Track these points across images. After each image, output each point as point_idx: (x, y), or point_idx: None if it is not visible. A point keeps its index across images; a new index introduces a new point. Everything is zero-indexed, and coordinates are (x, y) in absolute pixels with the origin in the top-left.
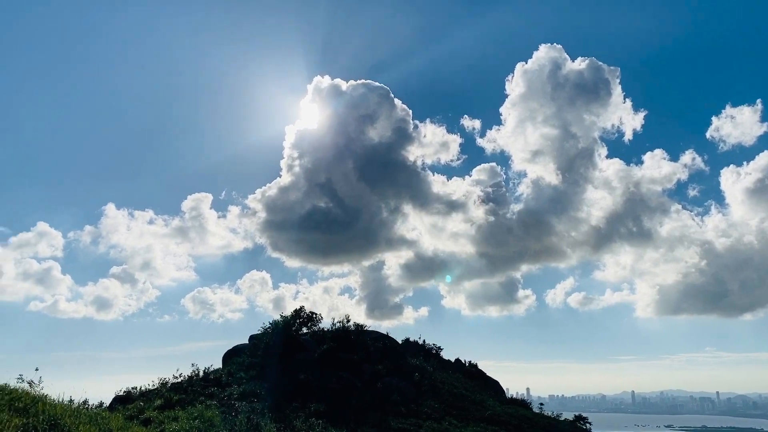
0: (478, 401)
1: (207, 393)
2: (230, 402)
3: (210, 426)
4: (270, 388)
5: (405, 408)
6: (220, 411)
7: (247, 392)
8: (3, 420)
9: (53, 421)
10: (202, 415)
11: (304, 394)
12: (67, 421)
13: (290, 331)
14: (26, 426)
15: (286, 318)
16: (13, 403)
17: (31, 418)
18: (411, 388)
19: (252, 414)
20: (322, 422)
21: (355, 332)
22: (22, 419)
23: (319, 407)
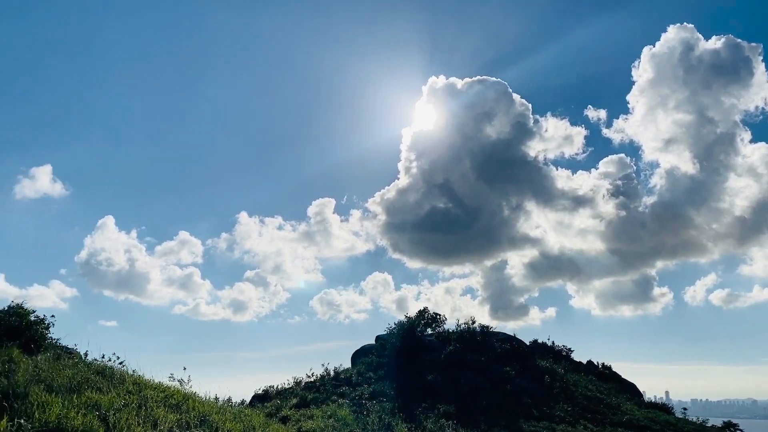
0: (614, 405)
1: (338, 392)
2: (361, 401)
3: (344, 425)
4: (398, 388)
5: (536, 411)
6: (352, 410)
7: (377, 392)
8: (160, 415)
9: (203, 418)
10: (335, 413)
11: (432, 394)
12: (215, 417)
13: (415, 332)
14: (180, 421)
15: (410, 319)
16: (168, 400)
17: (184, 415)
18: (542, 391)
19: (383, 414)
20: (452, 423)
21: (480, 333)
22: (176, 415)
23: (448, 408)
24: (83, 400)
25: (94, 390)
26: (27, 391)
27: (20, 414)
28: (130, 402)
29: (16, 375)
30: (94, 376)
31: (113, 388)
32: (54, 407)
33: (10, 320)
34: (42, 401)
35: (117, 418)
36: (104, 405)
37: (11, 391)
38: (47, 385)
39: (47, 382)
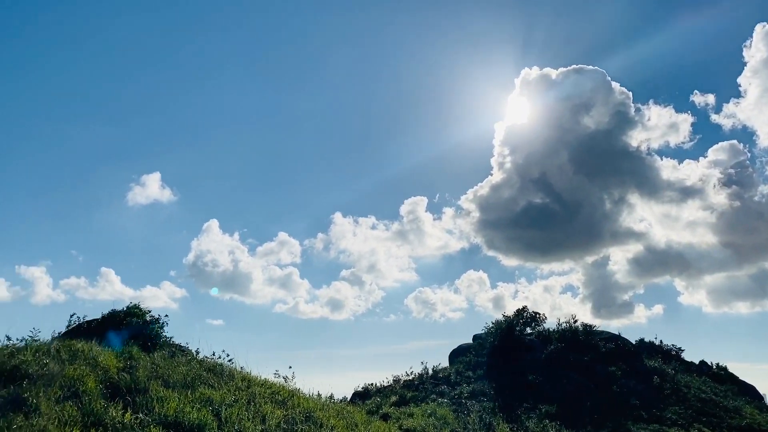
0: (731, 408)
1: (437, 391)
2: (460, 400)
3: (444, 423)
4: (497, 388)
5: (646, 413)
6: (452, 409)
7: (476, 391)
8: (268, 411)
9: (308, 414)
10: (435, 412)
11: (533, 394)
12: (319, 414)
13: (514, 331)
14: (286, 417)
15: (508, 318)
16: (274, 396)
17: (290, 411)
18: (650, 392)
19: (483, 413)
20: (556, 424)
21: (583, 332)
22: (283, 411)
23: (551, 409)
24: (197, 396)
25: (207, 386)
26: (147, 386)
27: (142, 408)
28: (240, 398)
29: (137, 371)
30: (206, 373)
31: (224, 384)
32: (171, 402)
33: (130, 320)
34: (160, 396)
35: (228, 413)
36: (216, 400)
37: (133, 386)
38: (164, 381)
39: (164, 378)
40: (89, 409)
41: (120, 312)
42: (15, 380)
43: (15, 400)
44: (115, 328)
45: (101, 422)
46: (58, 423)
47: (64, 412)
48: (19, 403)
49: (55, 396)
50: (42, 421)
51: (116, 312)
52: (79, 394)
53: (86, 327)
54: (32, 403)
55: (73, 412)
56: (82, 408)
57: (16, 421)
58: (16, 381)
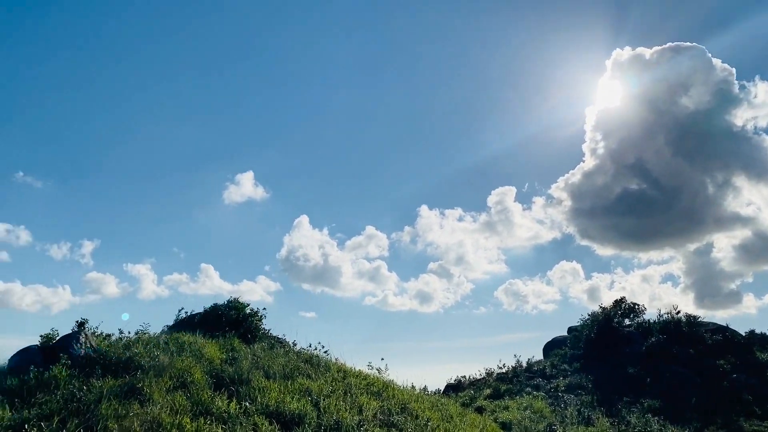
0: None
1: (532, 384)
2: (557, 394)
3: (541, 417)
4: (595, 381)
5: (759, 409)
6: (548, 402)
7: (573, 384)
8: (364, 402)
9: (403, 405)
10: (531, 405)
11: (634, 388)
12: (414, 405)
13: (611, 322)
14: (382, 408)
15: (605, 309)
16: (369, 387)
17: (385, 402)
18: (765, 387)
19: (581, 406)
20: (659, 419)
21: (686, 323)
22: (378, 402)
23: (653, 403)
24: (296, 386)
25: (305, 377)
26: (249, 377)
27: (245, 398)
28: (337, 389)
29: (239, 363)
30: (303, 364)
31: (320, 375)
32: (272, 392)
33: (230, 313)
34: (261, 386)
35: (326, 404)
36: (314, 391)
37: (236, 377)
38: (265, 372)
39: (265, 369)
40: (197, 398)
41: (221, 306)
42: (129, 371)
43: (131, 389)
44: (217, 321)
45: (209, 411)
46: (169, 411)
47: (175, 401)
48: (134, 392)
49: (165, 386)
50: (155, 409)
51: (218, 306)
52: (187, 385)
53: (191, 320)
54: (146, 393)
55: (183, 402)
56: (191, 397)
57: (133, 409)
58: (130, 371)
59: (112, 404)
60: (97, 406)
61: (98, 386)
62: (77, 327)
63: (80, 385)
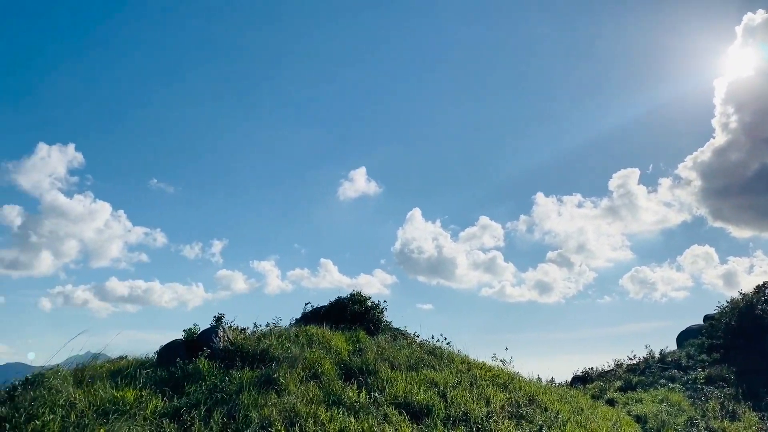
0: None
1: (666, 376)
2: (695, 386)
3: (679, 410)
4: (739, 373)
5: None
6: (686, 395)
7: (713, 376)
8: (490, 393)
9: (531, 397)
10: (667, 398)
11: None
12: (542, 398)
13: (754, 310)
14: (509, 400)
15: (746, 296)
16: (495, 379)
17: (512, 394)
18: None
19: (725, 400)
20: None
21: None
22: (505, 394)
23: None
24: (422, 378)
25: (429, 368)
26: (376, 368)
27: (373, 388)
28: (462, 380)
29: (365, 354)
30: (426, 355)
31: (444, 367)
32: (399, 383)
33: (353, 306)
34: (388, 377)
35: (453, 395)
36: (440, 382)
37: (364, 368)
38: (390, 363)
39: (390, 360)
40: (329, 388)
41: (345, 299)
42: (264, 362)
43: (267, 380)
44: (341, 314)
45: (340, 401)
46: (304, 401)
47: (308, 391)
48: (270, 382)
49: (299, 377)
50: (291, 399)
51: (341, 299)
52: (318, 375)
53: (317, 313)
54: (281, 383)
55: (316, 392)
56: (323, 388)
57: (271, 399)
58: (265, 363)
59: (252, 394)
60: (238, 396)
61: (237, 377)
62: (215, 321)
63: (221, 376)
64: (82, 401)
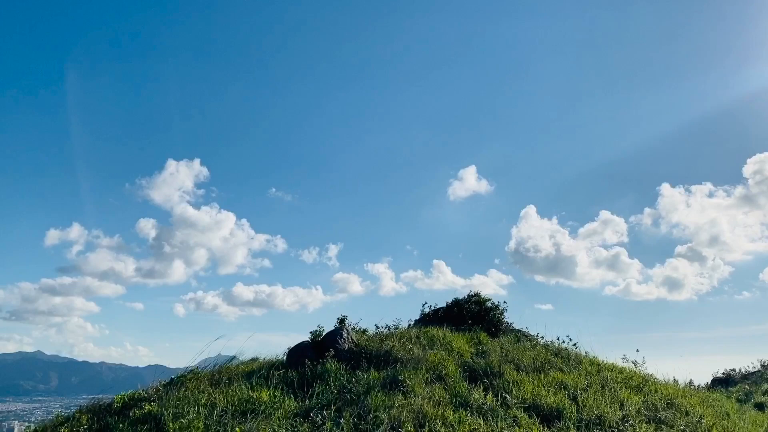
0: None
1: None
2: None
3: None
4: None
5: None
6: None
7: None
8: (624, 396)
9: (668, 401)
10: None
11: None
12: (681, 401)
13: None
14: (645, 403)
15: None
16: (627, 381)
17: (647, 397)
18: None
19: None
20: None
21: None
22: (639, 397)
23: None
24: (549, 380)
25: (556, 370)
26: (501, 370)
27: (499, 390)
28: (592, 382)
29: (489, 356)
30: (553, 357)
31: (572, 369)
32: (526, 386)
33: (472, 307)
34: (514, 379)
35: (584, 398)
36: (570, 385)
37: (488, 369)
38: (515, 365)
39: (515, 363)
40: (454, 390)
41: (462, 300)
42: (388, 363)
43: (393, 381)
44: (460, 315)
45: (467, 403)
46: (431, 402)
47: (434, 393)
48: (396, 383)
49: (423, 378)
50: (418, 400)
51: (459, 300)
52: (442, 377)
53: (435, 314)
54: (408, 385)
55: (442, 393)
56: (448, 389)
57: (398, 400)
58: (389, 364)
59: (379, 395)
60: (366, 397)
61: (364, 378)
62: (338, 323)
63: (348, 377)
64: (221, 401)
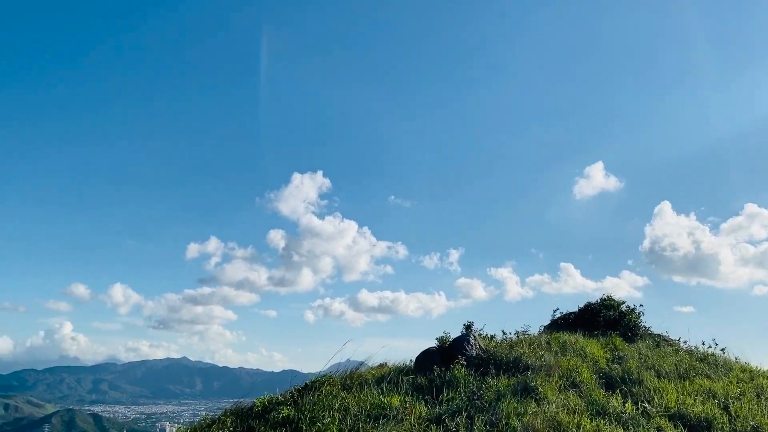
0: None
1: None
2: None
3: None
4: None
5: None
6: None
7: None
8: None
9: None
10: None
11: None
12: None
13: None
14: None
15: None
16: None
17: None
18: None
19: None
20: None
21: None
22: None
23: None
24: (695, 388)
25: (702, 377)
26: (640, 377)
27: (639, 398)
28: (746, 391)
29: (626, 362)
30: (698, 363)
31: (721, 376)
32: (669, 393)
33: (605, 311)
34: (655, 387)
35: (737, 407)
36: (719, 393)
37: (626, 376)
38: (655, 371)
39: (655, 369)
40: (590, 398)
41: (595, 304)
42: (518, 370)
43: (524, 388)
44: (592, 320)
45: (605, 411)
46: (565, 410)
47: (568, 400)
48: (527, 390)
49: (556, 385)
50: (552, 408)
51: (591, 304)
52: (576, 384)
53: (566, 320)
54: (540, 392)
55: (576, 401)
56: (583, 397)
57: (531, 407)
58: (519, 371)
59: (511, 402)
60: (497, 404)
61: (494, 385)
62: (465, 329)
63: (478, 383)
64: (353, 406)
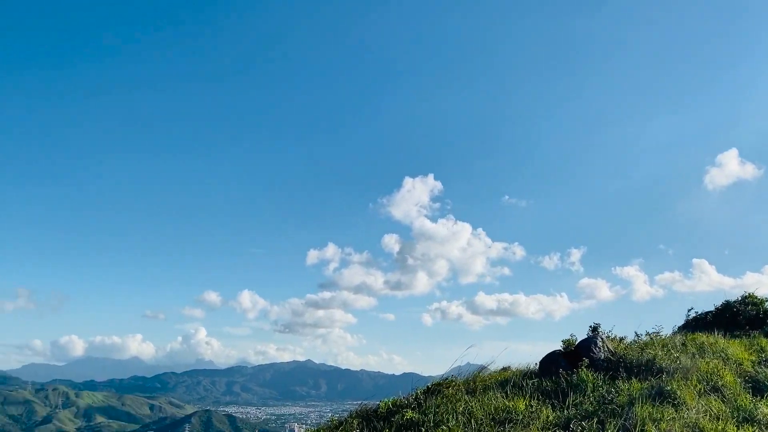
0: None
1: None
2: None
3: None
4: None
5: None
6: None
7: None
8: None
9: None
10: None
11: None
12: None
13: None
14: None
15: None
16: None
17: None
18: None
19: None
20: None
21: None
22: None
23: None
24: None
25: None
26: None
27: None
28: None
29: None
30: None
31: None
32: None
33: (747, 310)
34: None
35: None
36: None
37: None
38: None
39: None
40: (735, 403)
41: (735, 302)
42: (652, 373)
43: (659, 392)
44: (732, 319)
45: (752, 418)
46: (707, 416)
47: (710, 405)
48: (663, 395)
49: (695, 389)
50: (691, 413)
51: (731, 303)
52: (718, 388)
53: (702, 319)
54: (677, 396)
55: (719, 406)
56: (727, 402)
57: (667, 412)
58: (651, 374)
59: (645, 407)
60: (630, 409)
61: (625, 388)
62: (591, 331)
63: (608, 387)
64: (478, 409)
